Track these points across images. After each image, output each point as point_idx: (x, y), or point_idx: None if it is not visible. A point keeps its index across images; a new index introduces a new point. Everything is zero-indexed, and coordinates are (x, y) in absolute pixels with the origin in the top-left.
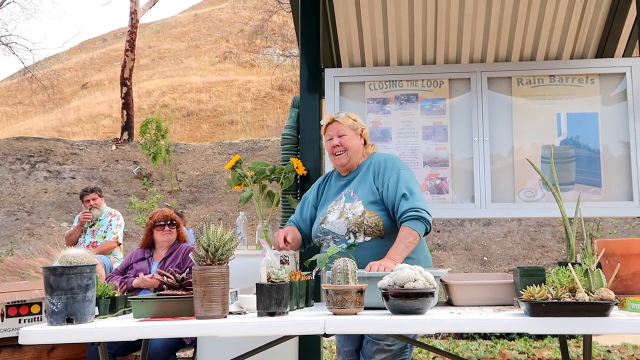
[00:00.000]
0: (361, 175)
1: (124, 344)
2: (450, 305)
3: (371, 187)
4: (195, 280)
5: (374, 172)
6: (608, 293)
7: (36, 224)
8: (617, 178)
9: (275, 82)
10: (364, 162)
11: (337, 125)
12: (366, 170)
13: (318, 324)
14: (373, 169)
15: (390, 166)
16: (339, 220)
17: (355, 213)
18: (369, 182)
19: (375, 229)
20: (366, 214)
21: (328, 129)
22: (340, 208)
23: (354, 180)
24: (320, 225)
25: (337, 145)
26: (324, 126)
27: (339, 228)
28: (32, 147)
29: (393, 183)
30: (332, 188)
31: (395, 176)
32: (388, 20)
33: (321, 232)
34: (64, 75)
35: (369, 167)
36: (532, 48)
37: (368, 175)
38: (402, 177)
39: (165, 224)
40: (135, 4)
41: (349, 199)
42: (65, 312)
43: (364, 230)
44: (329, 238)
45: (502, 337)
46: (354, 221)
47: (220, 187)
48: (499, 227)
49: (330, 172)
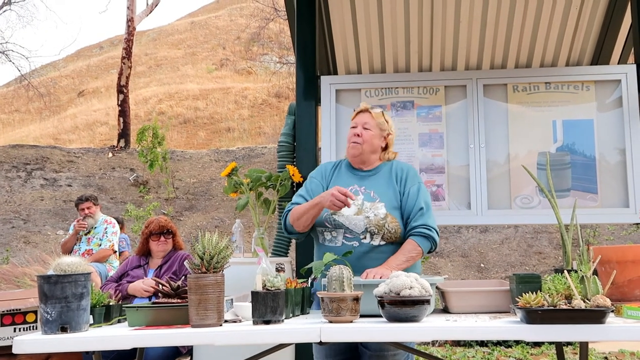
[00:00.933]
0: (381, 176)
1: (119, 352)
2: (447, 313)
3: (395, 193)
4: (190, 288)
5: (396, 176)
6: (604, 300)
7: (32, 232)
8: (613, 185)
9: (272, 89)
10: (383, 164)
11: (367, 116)
12: (388, 174)
13: (313, 332)
14: (395, 174)
15: (412, 176)
16: (356, 216)
17: (378, 214)
18: (392, 186)
19: (394, 235)
20: (388, 218)
21: (358, 116)
22: (358, 204)
23: (372, 179)
24: (330, 215)
25: (357, 135)
26: (355, 112)
27: (355, 225)
28: (28, 154)
29: (414, 193)
30: (343, 177)
31: (416, 187)
32: (384, 28)
33: (331, 222)
34: (61, 82)
35: (390, 171)
36: (528, 55)
37: (391, 178)
38: (422, 190)
39: (161, 234)
40: (132, 11)
41: (369, 198)
42: (59, 320)
43: (383, 234)
44: (339, 231)
45: (500, 345)
46: (375, 222)
47: (217, 195)
48: (495, 234)
49: (338, 161)
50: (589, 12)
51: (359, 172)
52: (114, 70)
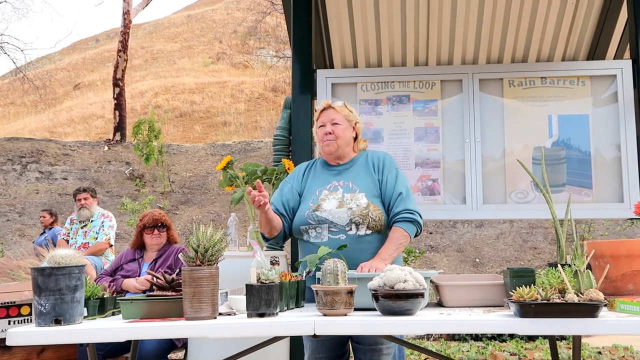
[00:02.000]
0: (358, 167)
1: (114, 345)
2: (441, 307)
3: (374, 182)
4: (184, 281)
5: (373, 165)
6: (597, 294)
7: (27, 225)
8: (607, 180)
9: (269, 83)
10: (359, 155)
11: (332, 112)
12: (365, 164)
13: (308, 325)
14: (372, 163)
15: (389, 163)
16: (339, 209)
17: (360, 205)
18: (371, 176)
19: (378, 223)
20: (371, 207)
21: (322, 115)
22: (338, 198)
23: (349, 172)
24: (312, 212)
25: (329, 133)
26: (318, 112)
27: (339, 218)
28: (23, 147)
29: (392, 180)
30: (319, 176)
31: (394, 174)
32: (380, 22)
33: (314, 219)
34: (56, 75)
35: (366, 161)
36: (524, 50)
37: (368, 168)
38: (400, 176)
39: (155, 227)
40: (128, 4)
41: (348, 190)
42: (53, 313)
43: (367, 223)
44: (323, 226)
45: (494, 339)
46: (359, 212)
47: (212, 189)
48: (491, 228)
49: (312, 160)
50: (585, 8)
51: (335, 167)
52: (110, 64)
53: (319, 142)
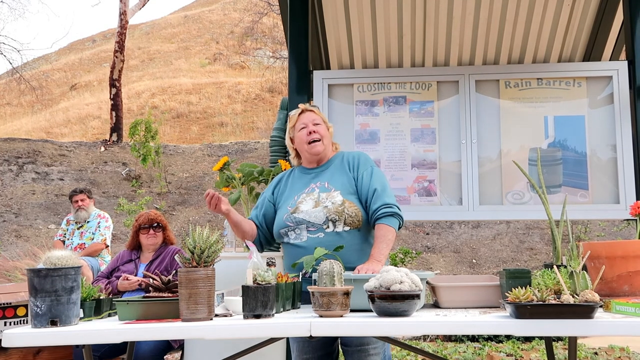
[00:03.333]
0: (334, 168)
1: (110, 346)
2: (437, 308)
3: (349, 180)
4: (180, 282)
5: (348, 164)
6: (593, 295)
7: (23, 225)
8: (604, 181)
9: (266, 84)
10: (334, 157)
11: (311, 114)
12: (340, 164)
13: (304, 326)
14: (347, 162)
15: (364, 161)
16: (315, 209)
17: (335, 202)
18: (346, 174)
19: (355, 219)
20: (346, 204)
21: (300, 118)
22: (314, 198)
23: (325, 173)
24: (290, 215)
25: (313, 132)
26: (295, 116)
27: (315, 217)
28: (20, 148)
29: (367, 177)
30: (298, 182)
31: (369, 171)
32: (377, 23)
33: (292, 221)
34: (53, 76)
35: (342, 161)
36: (520, 51)
37: (343, 167)
38: (375, 173)
39: (151, 227)
40: (125, 5)
41: (324, 189)
42: (49, 314)
43: (344, 220)
44: (302, 227)
45: (490, 340)
46: (334, 210)
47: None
48: (487, 229)
49: (289, 170)
50: (581, 9)
51: (313, 170)
52: (107, 64)
53: (303, 144)
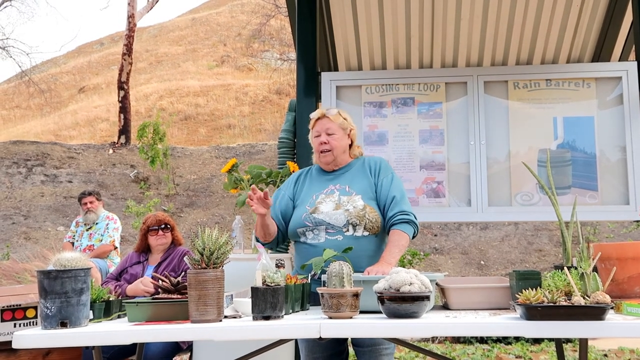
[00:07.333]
0: (355, 171)
1: (119, 348)
2: (446, 309)
3: (370, 185)
4: (190, 284)
5: (370, 169)
6: (604, 297)
7: (32, 227)
8: (613, 182)
9: (273, 86)
10: (355, 161)
11: (327, 121)
12: (361, 168)
13: (313, 328)
14: (369, 167)
15: (384, 167)
16: (336, 211)
17: (356, 206)
18: (367, 179)
19: (375, 225)
20: (367, 209)
21: (317, 124)
22: (334, 200)
23: (345, 176)
24: (310, 215)
25: (324, 143)
26: (313, 120)
27: (336, 219)
28: (29, 150)
29: (387, 184)
30: (316, 181)
31: (389, 177)
32: (385, 24)
33: (311, 221)
34: (62, 79)
35: (363, 165)
36: (529, 52)
37: (364, 172)
38: (395, 180)
39: (159, 229)
40: (133, 7)
41: (345, 192)
42: (59, 316)
43: (364, 225)
44: (320, 228)
45: (499, 341)
46: (356, 214)
47: (217, 191)
48: (496, 231)
49: (308, 168)
50: (590, 9)
51: (331, 173)
52: (115, 67)
53: (315, 152)
